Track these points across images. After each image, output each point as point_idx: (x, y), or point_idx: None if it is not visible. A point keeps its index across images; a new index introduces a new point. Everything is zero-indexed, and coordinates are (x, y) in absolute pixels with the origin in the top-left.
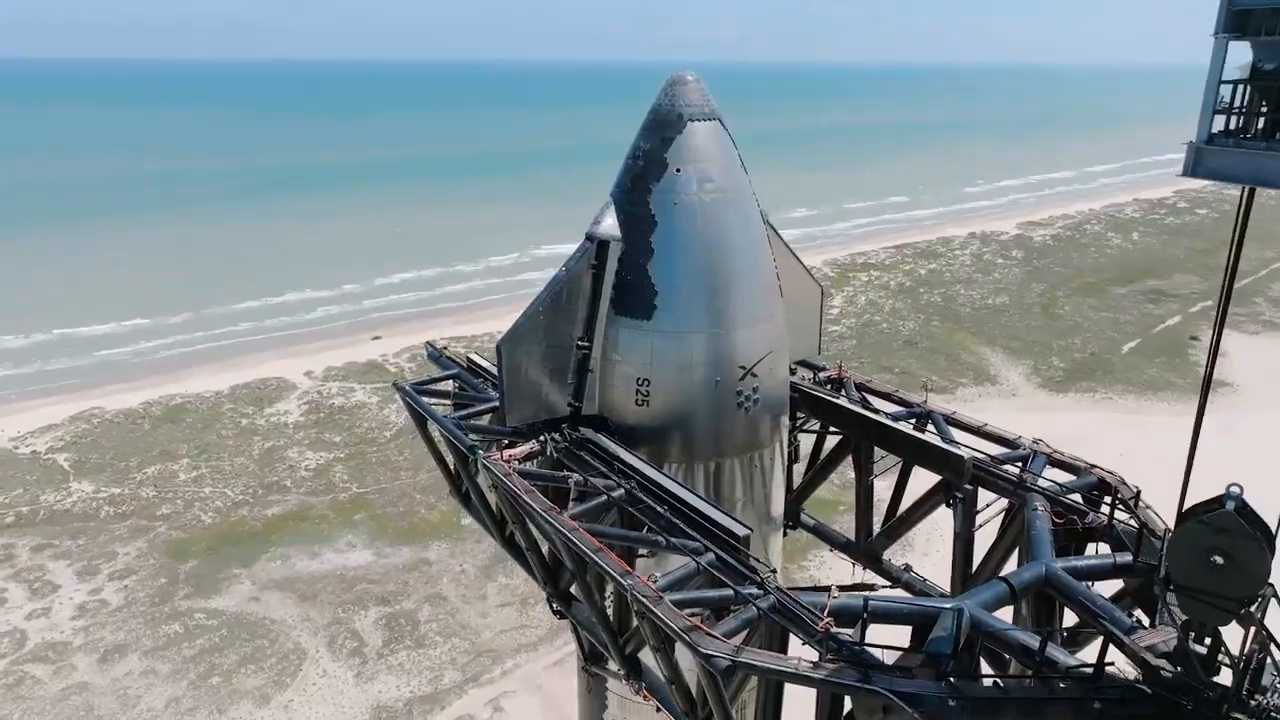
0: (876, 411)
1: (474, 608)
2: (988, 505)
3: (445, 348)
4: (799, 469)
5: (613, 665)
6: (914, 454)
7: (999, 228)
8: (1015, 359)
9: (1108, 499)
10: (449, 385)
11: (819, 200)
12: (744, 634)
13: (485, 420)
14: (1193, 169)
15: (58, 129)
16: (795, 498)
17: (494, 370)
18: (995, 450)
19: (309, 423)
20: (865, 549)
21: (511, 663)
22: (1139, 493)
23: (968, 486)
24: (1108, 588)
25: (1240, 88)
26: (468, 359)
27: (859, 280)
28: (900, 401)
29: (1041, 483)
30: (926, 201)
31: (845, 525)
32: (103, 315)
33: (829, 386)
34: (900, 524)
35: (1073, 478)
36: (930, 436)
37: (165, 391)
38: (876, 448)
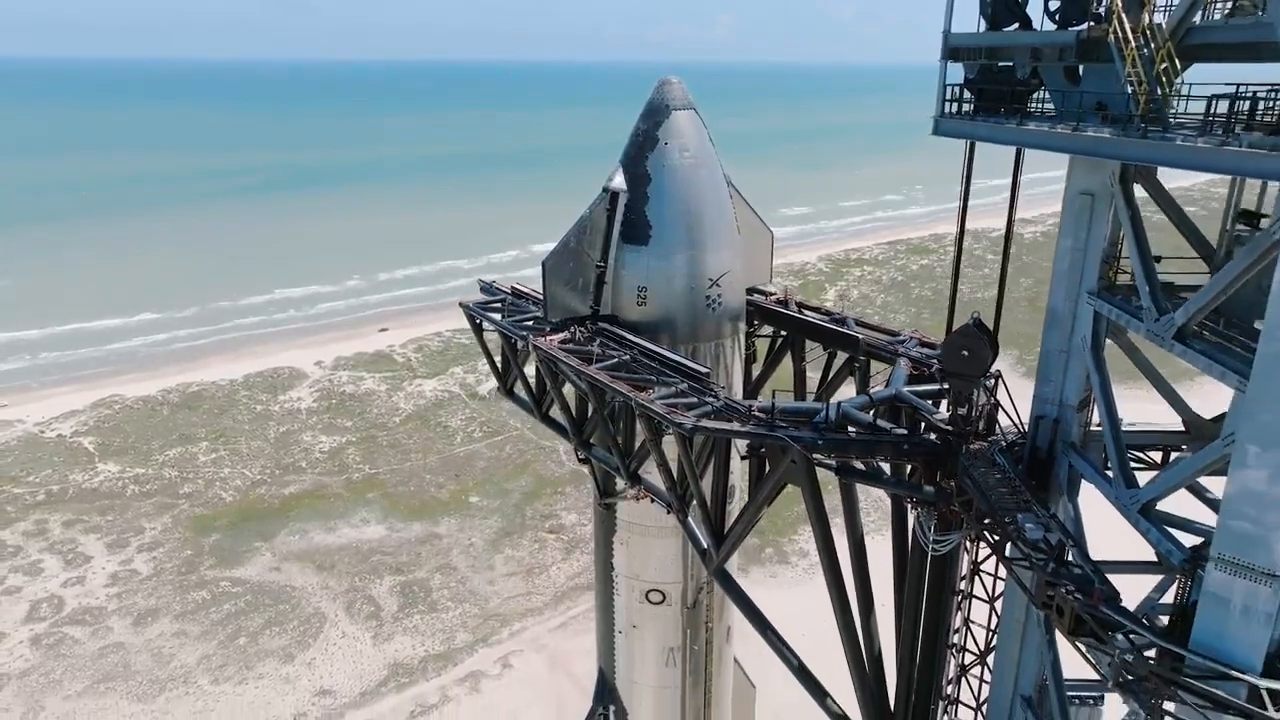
0: (807, 319)
1: (483, 577)
2: (878, 373)
3: (494, 281)
4: (755, 370)
5: (621, 490)
6: (830, 341)
7: (991, 224)
8: (1002, 350)
9: None
10: (498, 309)
11: (816, 198)
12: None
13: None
14: (934, 131)
15: (58, 129)
16: (752, 389)
17: (533, 295)
18: (886, 338)
19: (321, 408)
20: None
21: (519, 625)
22: None
23: (862, 358)
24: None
25: (957, 88)
26: (512, 287)
27: (852, 275)
28: (826, 313)
29: (911, 354)
30: (920, 199)
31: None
32: (113, 310)
33: (778, 305)
34: (824, 395)
35: (931, 350)
36: (843, 330)
37: (181, 380)
38: (808, 341)
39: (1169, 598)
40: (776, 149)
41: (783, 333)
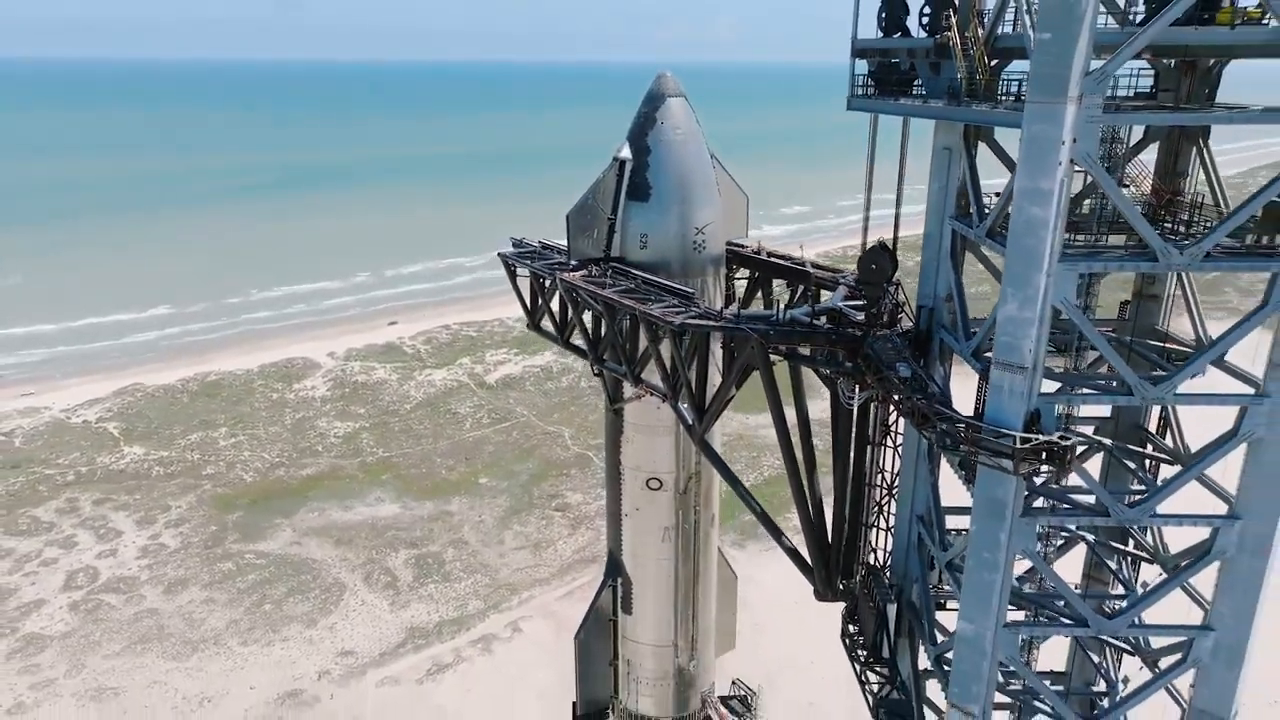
0: (774, 262)
1: (493, 550)
2: (827, 299)
3: (522, 239)
4: (734, 308)
5: (628, 396)
6: (791, 276)
7: None
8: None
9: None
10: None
11: (815, 198)
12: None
13: None
14: (848, 107)
15: (63, 129)
16: None
17: (556, 247)
18: (831, 274)
19: (335, 396)
20: None
21: (527, 594)
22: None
23: (814, 287)
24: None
25: (863, 77)
26: (540, 241)
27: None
28: (788, 258)
29: (849, 283)
30: (919, 197)
31: None
32: (126, 305)
33: (752, 254)
34: None
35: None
36: (800, 268)
37: (199, 370)
38: (774, 279)
39: None
40: (778, 149)
41: (756, 274)
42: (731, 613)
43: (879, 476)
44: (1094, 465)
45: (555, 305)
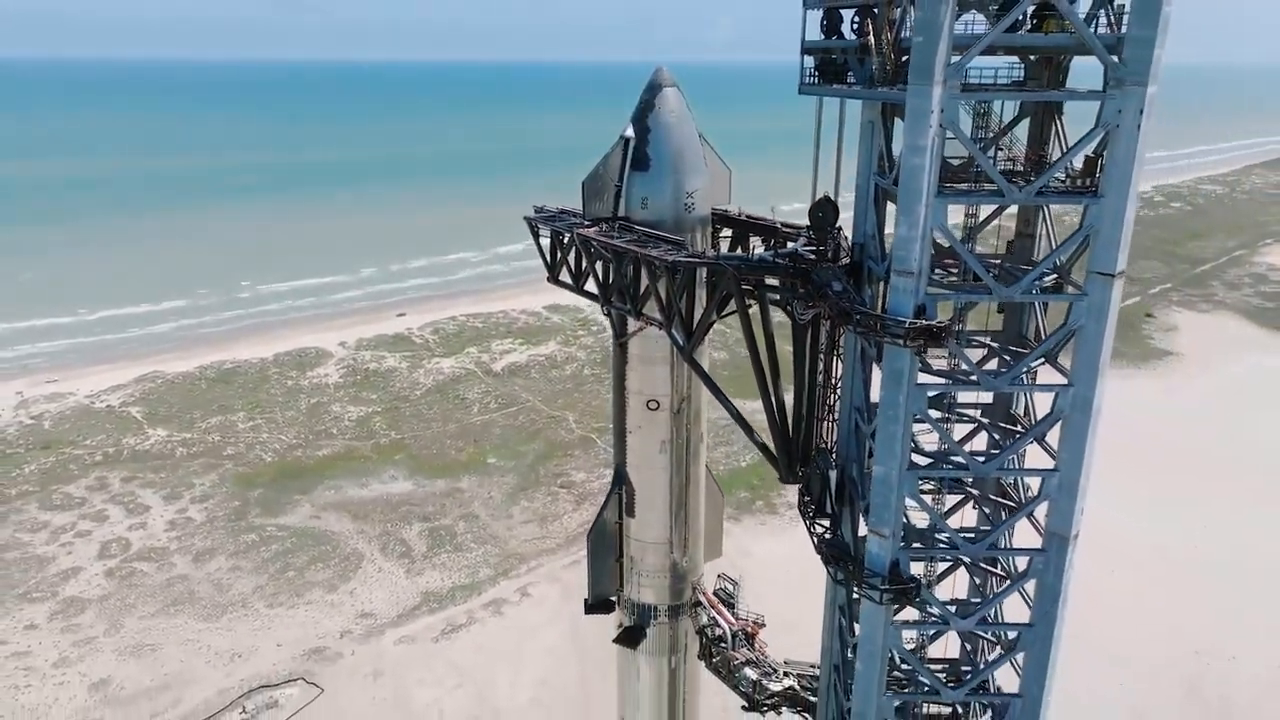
0: (751, 221)
1: (502, 523)
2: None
3: (543, 207)
4: None
5: (631, 330)
6: (764, 233)
7: None
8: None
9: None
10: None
11: (809, 197)
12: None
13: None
14: (799, 92)
15: (74, 128)
16: None
17: (573, 211)
18: (795, 230)
19: (347, 383)
20: None
21: (535, 562)
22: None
23: (782, 240)
24: None
25: (810, 69)
26: (559, 208)
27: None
28: (761, 219)
29: (808, 235)
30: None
31: None
32: (140, 298)
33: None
34: None
35: None
36: (771, 225)
37: (216, 358)
38: (751, 238)
39: None
40: (780, 148)
41: (736, 234)
42: (718, 522)
43: (828, 379)
44: (992, 366)
45: (571, 260)
